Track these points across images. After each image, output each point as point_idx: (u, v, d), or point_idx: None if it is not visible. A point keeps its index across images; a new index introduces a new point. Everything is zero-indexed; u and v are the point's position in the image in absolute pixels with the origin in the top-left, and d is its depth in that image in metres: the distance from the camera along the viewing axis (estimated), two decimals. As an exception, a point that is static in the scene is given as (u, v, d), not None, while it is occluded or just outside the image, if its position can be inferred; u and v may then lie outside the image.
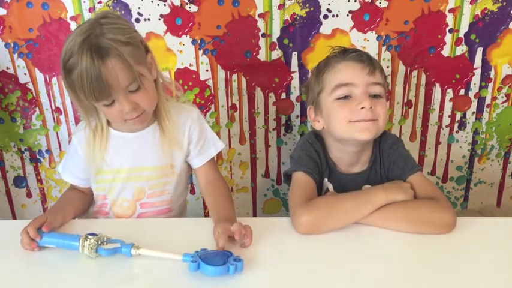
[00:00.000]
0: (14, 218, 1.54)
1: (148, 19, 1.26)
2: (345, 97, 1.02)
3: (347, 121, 1.02)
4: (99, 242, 0.84)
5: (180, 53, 1.31)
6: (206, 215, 1.53)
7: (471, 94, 1.37)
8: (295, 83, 1.36)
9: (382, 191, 0.96)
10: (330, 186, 1.08)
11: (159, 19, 1.26)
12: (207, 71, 1.34)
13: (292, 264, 0.83)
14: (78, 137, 1.04)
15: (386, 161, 1.09)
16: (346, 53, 1.05)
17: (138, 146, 1.02)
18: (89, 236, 0.84)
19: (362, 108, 0.99)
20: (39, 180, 1.50)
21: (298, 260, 0.85)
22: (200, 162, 1.07)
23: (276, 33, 1.30)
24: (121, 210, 1.07)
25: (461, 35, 1.30)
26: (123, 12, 1.25)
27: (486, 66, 1.34)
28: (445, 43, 1.31)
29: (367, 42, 1.30)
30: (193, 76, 1.34)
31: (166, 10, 1.26)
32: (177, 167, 1.06)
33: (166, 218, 1.07)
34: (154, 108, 0.98)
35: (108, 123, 1.01)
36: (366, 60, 1.03)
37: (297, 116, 1.41)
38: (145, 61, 0.94)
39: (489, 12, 1.27)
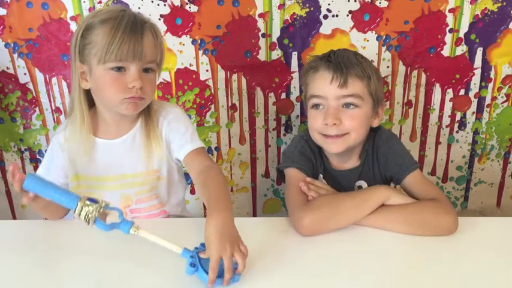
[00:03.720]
0: (14, 218, 1.54)
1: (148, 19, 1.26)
2: (319, 105, 1.04)
3: (318, 133, 1.05)
4: (98, 211, 0.78)
5: (180, 53, 1.31)
6: (206, 214, 1.53)
7: (471, 94, 1.37)
8: (295, 83, 1.36)
9: (383, 188, 0.96)
10: (325, 183, 1.09)
11: (159, 19, 1.26)
12: (207, 71, 1.34)
13: (292, 265, 0.83)
14: (58, 138, 1.01)
15: (382, 157, 1.08)
16: (323, 60, 1.05)
17: (120, 153, 1.00)
18: (88, 202, 0.78)
19: (326, 124, 1.01)
20: (39, 180, 1.50)
21: (299, 261, 0.85)
22: (184, 153, 1.00)
23: (276, 33, 1.30)
24: (111, 218, 1.04)
25: (461, 35, 1.30)
26: (123, 12, 1.25)
27: (486, 66, 1.34)
28: (445, 43, 1.31)
29: (367, 42, 1.30)
30: (193, 76, 1.34)
31: (166, 10, 1.26)
32: (162, 170, 1.03)
33: (166, 218, 1.07)
34: (149, 102, 0.98)
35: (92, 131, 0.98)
36: (336, 72, 1.01)
37: (297, 116, 1.41)
38: (164, 52, 0.99)
39: (489, 12, 1.27)
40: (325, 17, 1.27)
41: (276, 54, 1.32)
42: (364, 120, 1.04)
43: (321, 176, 1.10)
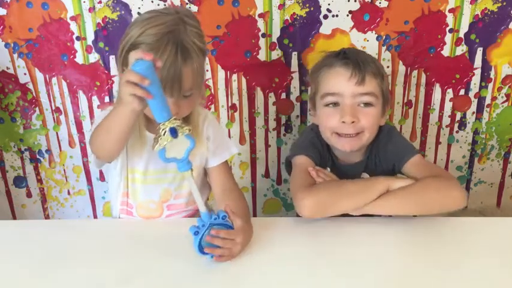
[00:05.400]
0: (14, 218, 1.54)
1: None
2: (334, 104, 1.03)
3: (332, 132, 1.05)
4: (168, 142, 0.76)
5: (180, 53, 1.30)
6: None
7: (471, 94, 1.37)
8: (295, 83, 1.36)
9: (385, 178, 0.96)
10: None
11: (159, 19, 1.26)
12: (207, 71, 1.33)
13: (292, 264, 0.83)
14: None
15: (383, 150, 1.09)
16: (339, 57, 1.05)
17: None
18: (169, 132, 0.75)
19: (343, 122, 1.01)
20: (39, 180, 1.50)
21: (298, 260, 0.85)
22: (214, 163, 1.06)
23: (276, 33, 1.30)
24: (147, 213, 1.05)
25: (461, 35, 1.30)
26: (123, 12, 1.25)
27: (486, 66, 1.33)
28: (445, 43, 1.31)
29: (367, 42, 1.30)
30: (193, 76, 1.34)
31: (166, 10, 1.26)
32: (200, 167, 1.06)
33: (173, 218, 1.06)
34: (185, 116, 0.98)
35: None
36: (355, 69, 1.01)
37: (297, 116, 1.41)
38: (204, 70, 0.96)
39: (489, 12, 1.27)
40: (325, 17, 1.27)
41: (276, 54, 1.32)
42: (377, 119, 1.05)
43: (328, 169, 1.10)
